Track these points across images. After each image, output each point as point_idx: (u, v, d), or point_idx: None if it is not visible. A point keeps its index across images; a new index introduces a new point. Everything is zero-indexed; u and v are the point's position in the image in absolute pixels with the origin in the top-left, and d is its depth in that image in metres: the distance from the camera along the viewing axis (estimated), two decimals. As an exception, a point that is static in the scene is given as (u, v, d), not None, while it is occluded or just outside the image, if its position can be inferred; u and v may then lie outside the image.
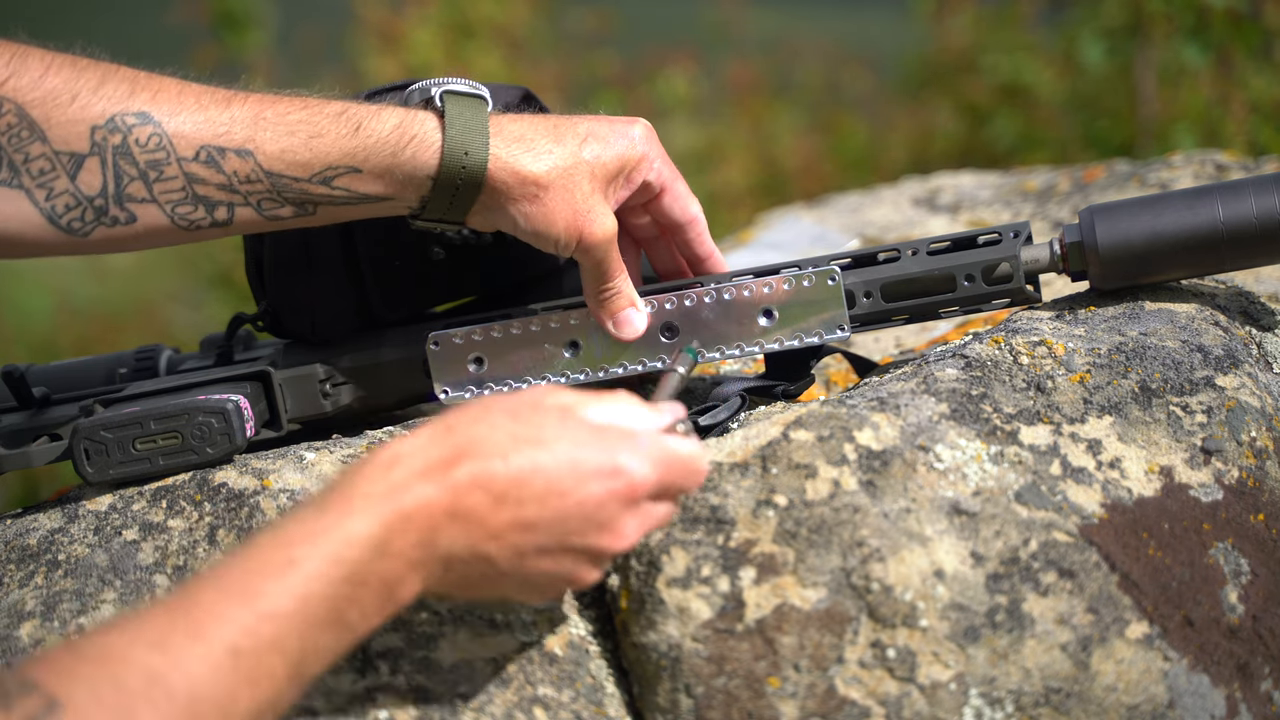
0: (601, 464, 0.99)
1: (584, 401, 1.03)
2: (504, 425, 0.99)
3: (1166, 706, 1.12)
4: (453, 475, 0.96)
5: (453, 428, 0.98)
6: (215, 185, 1.20)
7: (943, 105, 5.07)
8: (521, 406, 1.01)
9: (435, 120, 1.22)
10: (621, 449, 1.00)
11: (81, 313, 5.99)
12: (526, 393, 1.03)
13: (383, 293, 1.36)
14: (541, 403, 1.01)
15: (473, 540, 0.97)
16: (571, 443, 0.99)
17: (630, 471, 1.00)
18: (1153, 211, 1.26)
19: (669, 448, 1.03)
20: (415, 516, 0.95)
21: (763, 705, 1.11)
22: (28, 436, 1.32)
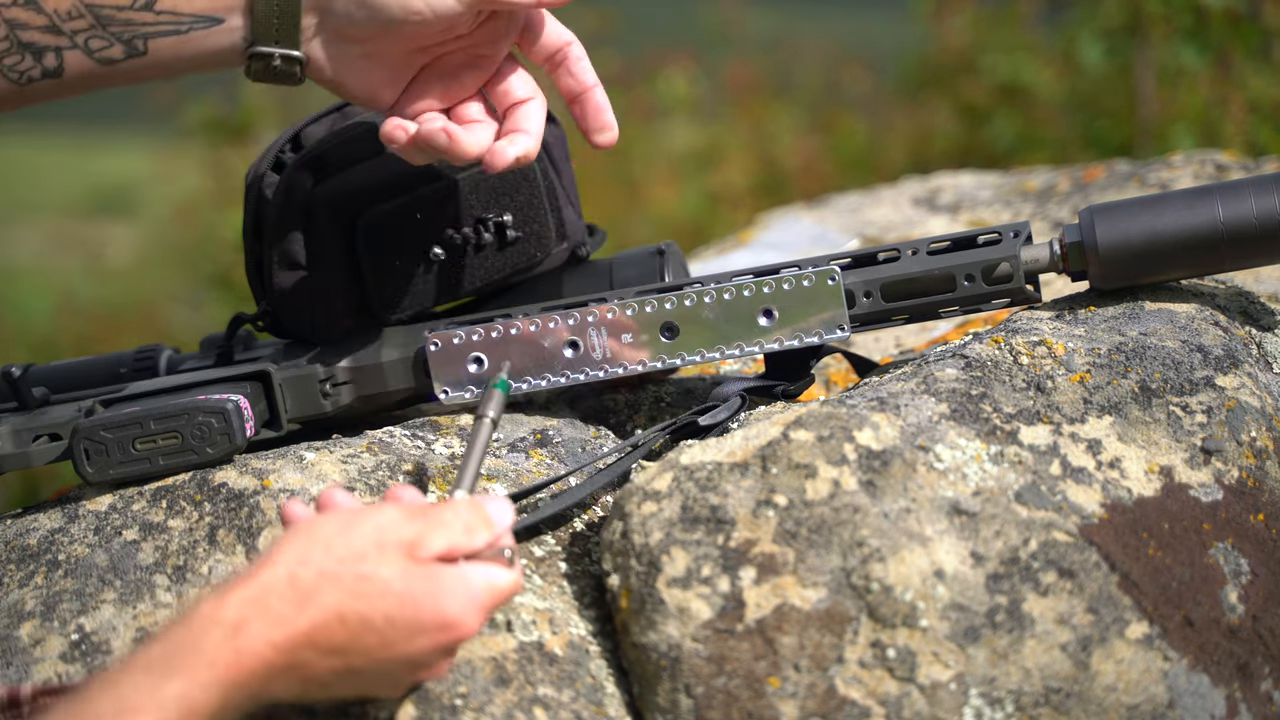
0: (433, 617, 1.01)
1: (428, 536, 1.02)
2: (346, 578, 0.99)
3: (1166, 706, 1.12)
4: (292, 637, 0.97)
5: (295, 579, 0.98)
6: (38, 29, 1.18)
7: (942, 105, 5.08)
8: (365, 553, 1.00)
9: None
10: (454, 599, 1.01)
11: (81, 313, 5.99)
12: (366, 528, 1.01)
13: (383, 293, 1.36)
14: (383, 544, 1.00)
15: (299, 687, 0.99)
16: (409, 597, 1.00)
17: (460, 625, 1.02)
18: (1152, 211, 1.26)
19: (498, 587, 1.04)
20: (252, 680, 0.96)
21: (763, 705, 1.11)
22: (28, 436, 1.32)
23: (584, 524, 1.27)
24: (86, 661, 1.16)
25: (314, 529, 1.01)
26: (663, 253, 1.41)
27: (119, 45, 1.19)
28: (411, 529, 1.02)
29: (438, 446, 1.31)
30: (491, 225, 1.37)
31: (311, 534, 1.00)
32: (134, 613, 1.18)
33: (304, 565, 0.98)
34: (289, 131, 1.39)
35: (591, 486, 1.25)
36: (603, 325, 1.32)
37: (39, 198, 8.68)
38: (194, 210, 5.37)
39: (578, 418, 1.41)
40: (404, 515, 1.03)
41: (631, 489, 1.18)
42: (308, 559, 0.99)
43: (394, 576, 1.00)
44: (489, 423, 1.18)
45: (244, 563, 1.20)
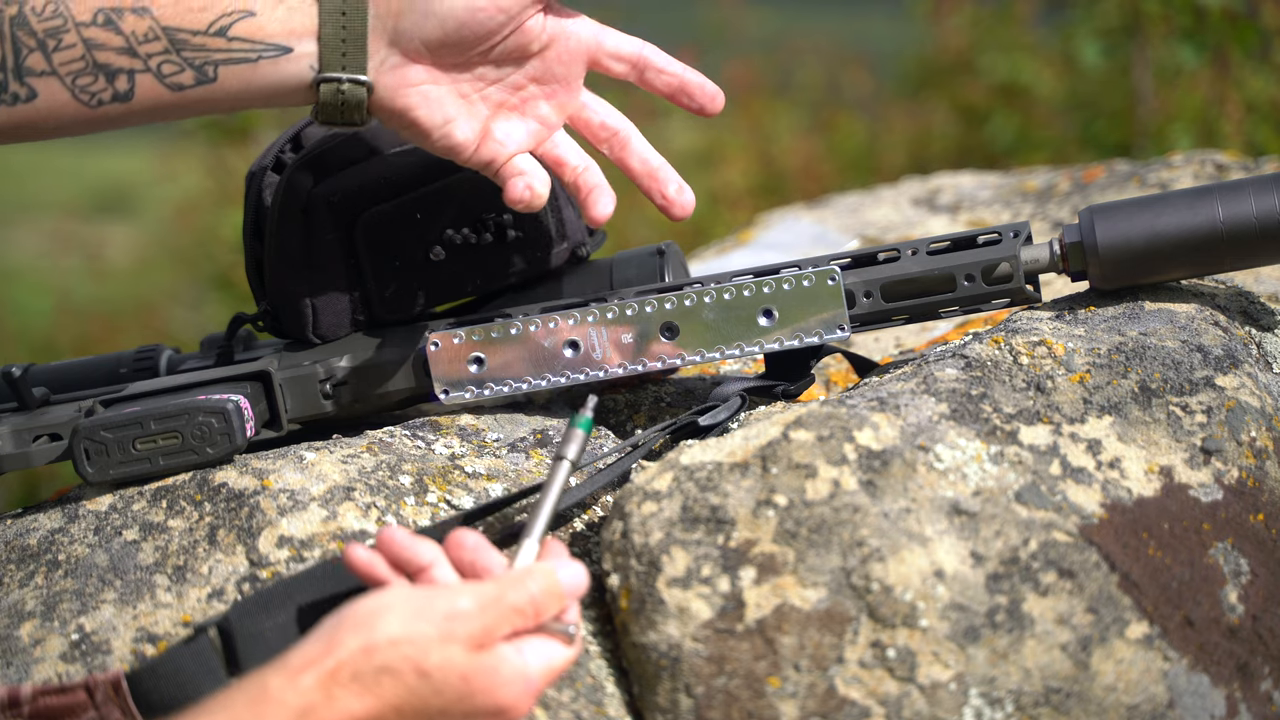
0: (488, 706, 1.00)
1: (494, 633, 1.01)
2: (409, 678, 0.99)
3: (1166, 706, 1.12)
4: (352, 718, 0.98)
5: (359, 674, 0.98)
6: (114, 49, 1.17)
7: (941, 105, 5.08)
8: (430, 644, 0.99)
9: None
10: (510, 689, 1.01)
11: (81, 313, 5.99)
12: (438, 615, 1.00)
13: (383, 293, 1.36)
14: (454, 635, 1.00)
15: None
16: (465, 690, 1.00)
17: (513, 711, 1.01)
18: (1152, 211, 1.26)
19: (553, 669, 1.03)
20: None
21: (763, 705, 1.11)
22: (28, 436, 1.32)
23: (584, 524, 1.27)
24: (86, 661, 1.16)
25: (382, 615, 1.00)
26: (663, 253, 1.41)
27: (190, 71, 1.19)
28: (480, 623, 1.01)
29: (438, 446, 1.31)
30: (491, 225, 1.37)
31: (378, 622, 0.99)
32: (134, 613, 1.18)
33: (369, 656, 0.98)
34: (289, 131, 1.39)
35: (591, 486, 1.25)
36: (603, 325, 1.32)
37: (39, 198, 8.67)
38: (194, 210, 5.37)
39: (578, 418, 1.41)
40: (475, 607, 1.01)
41: (631, 489, 1.18)
42: (373, 649, 0.98)
43: (454, 674, 0.99)
44: (568, 465, 1.13)
45: (244, 564, 1.20)
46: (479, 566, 1.05)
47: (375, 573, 1.05)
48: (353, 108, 1.21)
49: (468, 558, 1.06)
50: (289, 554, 1.19)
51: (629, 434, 1.40)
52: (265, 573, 1.19)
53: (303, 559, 1.19)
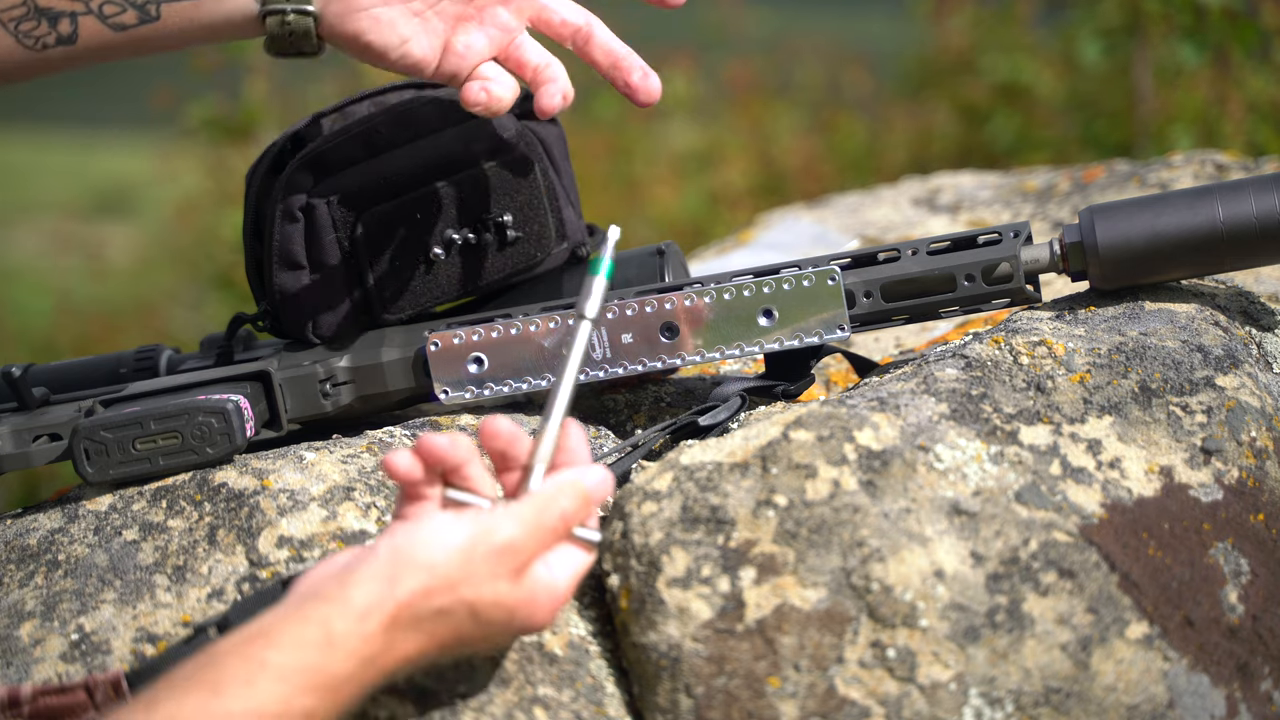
0: (525, 624, 1.05)
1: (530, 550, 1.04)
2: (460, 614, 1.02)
3: (1166, 706, 1.12)
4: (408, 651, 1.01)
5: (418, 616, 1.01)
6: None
7: (942, 105, 5.08)
8: (478, 575, 1.02)
9: None
10: (544, 609, 1.06)
11: (81, 313, 6.00)
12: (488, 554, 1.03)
13: (383, 293, 1.36)
14: (499, 573, 1.03)
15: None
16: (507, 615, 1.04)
17: (545, 623, 1.06)
18: (1153, 211, 1.26)
19: (582, 577, 1.08)
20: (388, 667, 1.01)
21: (763, 705, 1.11)
22: (28, 436, 1.32)
23: (584, 524, 1.27)
24: (86, 661, 1.16)
25: (437, 553, 1.02)
26: (663, 253, 1.41)
27: (132, 11, 1.19)
28: (524, 554, 1.04)
29: (438, 446, 1.31)
30: (491, 225, 1.37)
31: (435, 562, 1.02)
32: (134, 613, 1.18)
33: (428, 599, 1.01)
34: (289, 131, 1.39)
35: (591, 486, 1.25)
36: (603, 325, 1.32)
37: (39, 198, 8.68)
38: (194, 210, 5.37)
39: (578, 418, 1.41)
40: (519, 536, 1.04)
41: (631, 489, 1.18)
42: (432, 591, 1.01)
43: (501, 608, 1.03)
44: (588, 326, 1.08)
45: (244, 564, 1.19)
46: (510, 457, 1.09)
47: (417, 483, 1.07)
48: (300, 37, 1.22)
49: (500, 447, 1.09)
50: (289, 554, 1.19)
51: (629, 434, 1.40)
52: (265, 573, 1.19)
53: (303, 559, 1.19)
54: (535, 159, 1.38)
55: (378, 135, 1.36)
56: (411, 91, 1.41)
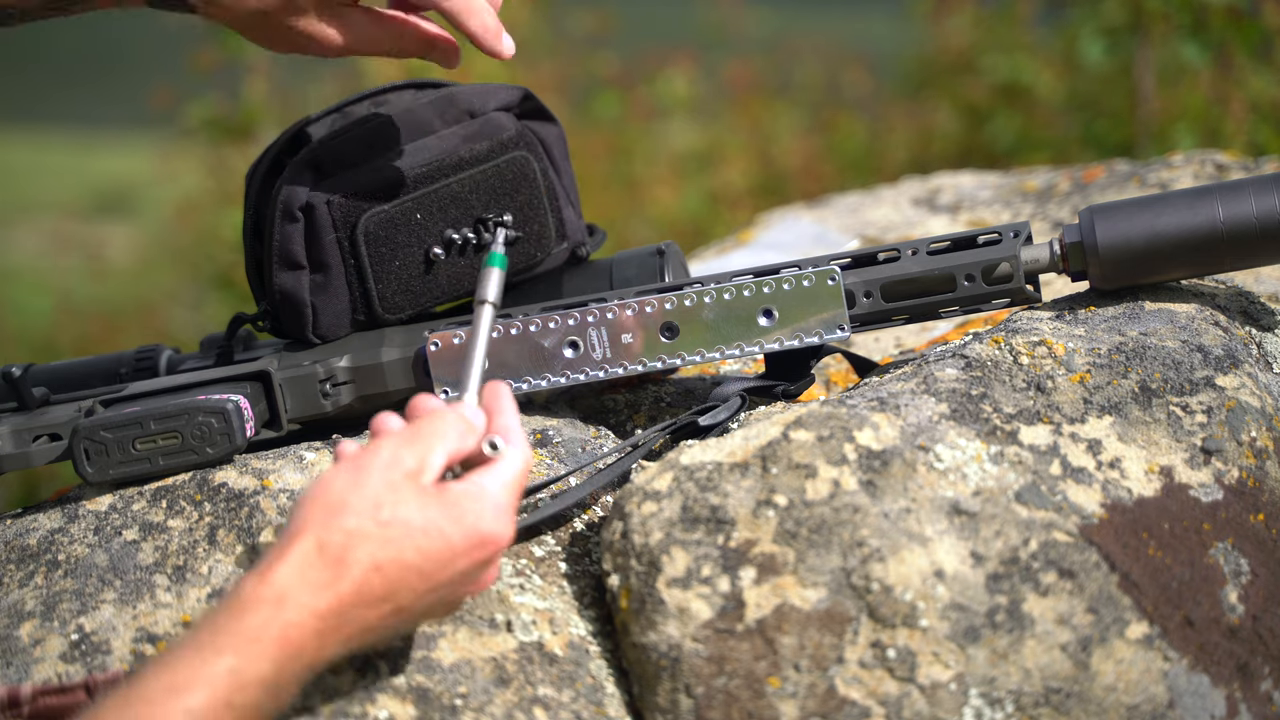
0: (466, 540, 1.03)
1: (427, 462, 1.03)
2: (370, 530, 1.00)
3: (1166, 706, 1.12)
4: (338, 601, 0.99)
5: (324, 545, 0.99)
6: None
7: (942, 105, 5.08)
8: (381, 502, 1.01)
9: None
10: (479, 515, 1.03)
11: (81, 313, 6.00)
12: (373, 474, 1.02)
13: (383, 293, 1.36)
14: (394, 483, 1.02)
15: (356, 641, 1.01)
16: (435, 528, 1.02)
17: (495, 538, 1.04)
18: (1153, 211, 1.26)
19: (512, 480, 1.06)
20: (304, 648, 0.98)
21: (763, 705, 1.11)
22: (28, 436, 1.32)
23: (584, 524, 1.27)
24: (86, 661, 1.16)
25: (327, 490, 1.02)
26: (663, 253, 1.41)
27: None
28: (413, 457, 1.03)
29: (438, 446, 1.31)
30: (491, 225, 1.37)
31: (327, 496, 1.01)
32: (134, 613, 1.18)
33: (328, 529, 1.00)
34: (289, 131, 1.39)
35: (591, 486, 1.25)
36: (603, 325, 1.32)
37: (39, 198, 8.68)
38: (194, 210, 5.37)
39: (578, 418, 1.41)
40: (401, 445, 1.04)
41: (631, 489, 1.18)
42: (330, 522, 1.00)
43: (413, 513, 1.01)
44: (489, 308, 1.12)
45: (244, 564, 1.20)
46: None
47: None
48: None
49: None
50: (289, 554, 1.19)
51: (629, 434, 1.40)
52: (265, 573, 1.19)
53: (303, 559, 1.19)
54: (535, 159, 1.38)
55: (377, 135, 1.36)
56: (411, 92, 1.41)
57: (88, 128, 9.40)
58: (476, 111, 1.38)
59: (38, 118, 9.47)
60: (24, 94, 9.40)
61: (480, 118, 1.38)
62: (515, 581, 1.20)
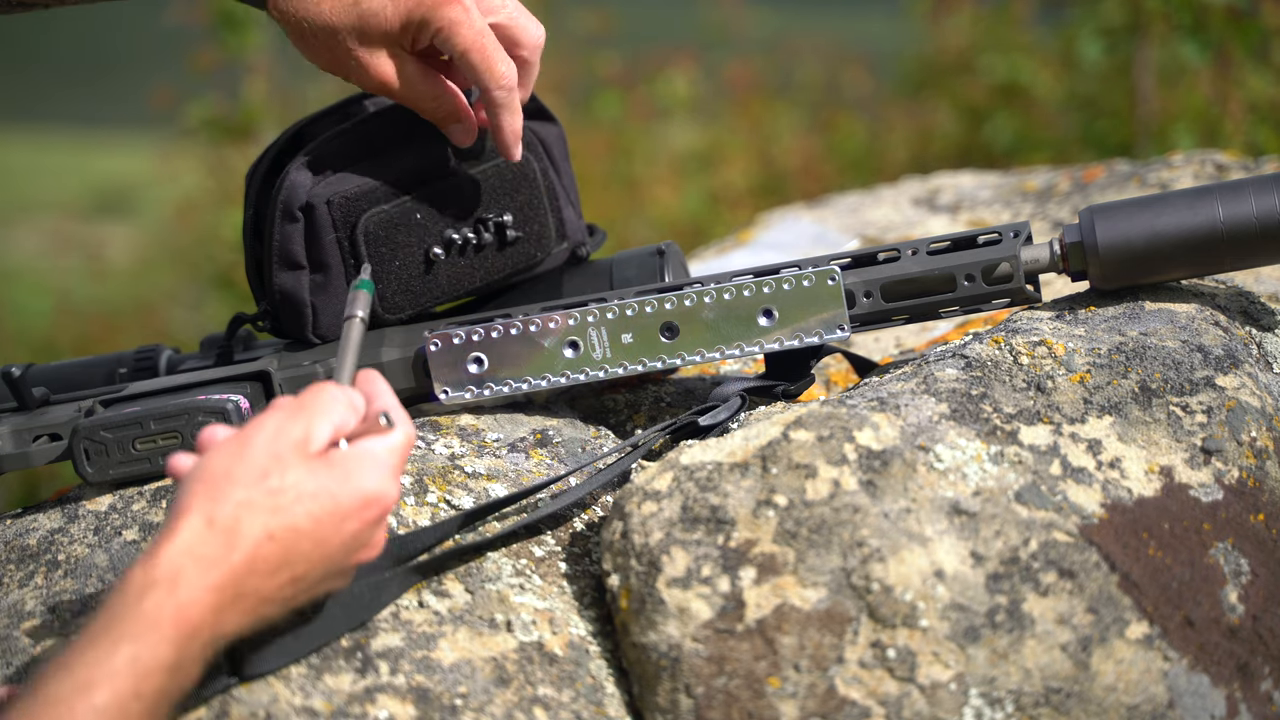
0: (354, 499, 1.03)
1: (312, 432, 1.03)
2: (259, 499, 1.00)
3: (1166, 706, 1.12)
4: (231, 572, 0.99)
5: (213, 519, 0.99)
6: None
7: (941, 105, 5.08)
8: (267, 470, 1.01)
9: None
10: (366, 475, 1.04)
11: (81, 313, 5.99)
12: (258, 446, 1.02)
13: (383, 293, 1.36)
14: (279, 454, 1.02)
15: (253, 613, 1.01)
16: (324, 491, 1.02)
17: (381, 496, 1.04)
18: (1153, 211, 1.26)
19: (396, 446, 1.06)
20: (203, 625, 0.98)
21: (763, 705, 1.11)
22: (28, 436, 1.32)
23: (584, 524, 1.27)
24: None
25: (210, 466, 1.02)
26: (663, 253, 1.41)
27: None
28: (299, 427, 1.03)
29: (438, 446, 1.31)
30: (491, 225, 1.37)
31: (211, 472, 1.01)
32: (134, 613, 1.18)
33: (216, 503, 1.00)
34: (289, 131, 1.39)
35: (591, 486, 1.25)
36: (603, 325, 1.32)
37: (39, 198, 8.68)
38: (194, 210, 5.37)
39: (578, 418, 1.41)
40: (285, 417, 1.04)
41: (631, 489, 1.18)
42: (217, 495, 1.00)
43: (301, 478, 1.01)
44: (358, 322, 1.18)
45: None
46: None
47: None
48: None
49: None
50: (289, 554, 1.19)
51: (629, 434, 1.40)
52: (265, 573, 1.18)
53: (303, 559, 1.19)
54: (535, 159, 1.38)
55: (378, 135, 1.36)
56: (411, 91, 1.41)
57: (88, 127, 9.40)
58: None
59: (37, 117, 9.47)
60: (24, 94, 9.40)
61: (480, 118, 1.38)
62: (515, 581, 1.20)
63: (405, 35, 1.26)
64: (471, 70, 1.27)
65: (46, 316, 6.11)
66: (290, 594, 1.03)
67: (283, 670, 1.10)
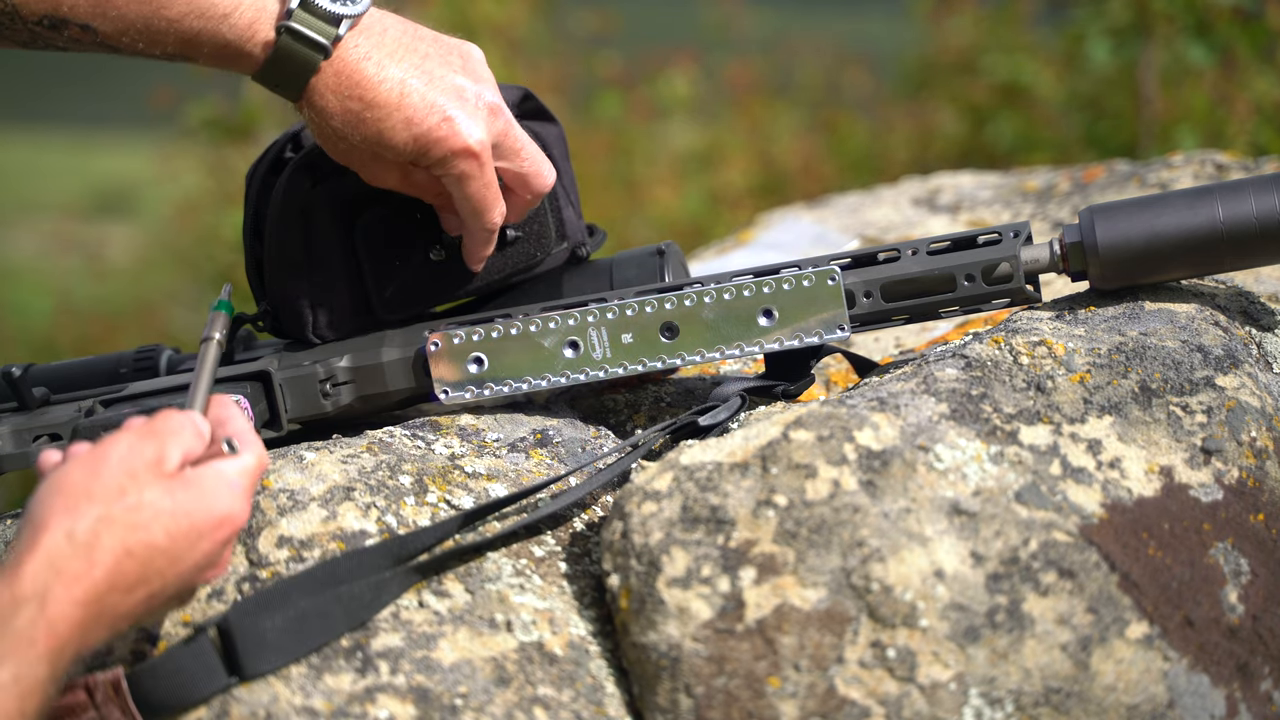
0: (208, 519, 1.04)
1: (165, 454, 1.04)
2: (118, 515, 1.01)
3: (1166, 706, 1.12)
4: (93, 588, 0.99)
5: (73, 534, 1.00)
6: None
7: (942, 105, 5.08)
8: (124, 483, 1.02)
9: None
10: (219, 495, 1.05)
11: (81, 313, 6.00)
12: (113, 465, 1.03)
13: (383, 293, 1.36)
14: (136, 470, 1.02)
15: (113, 627, 1.02)
16: (180, 509, 1.03)
17: (233, 516, 1.05)
18: (1152, 211, 1.26)
19: (248, 468, 1.07)
20: (70, 640, 0.98)
21: (763, 705, 1.11)
22: (28, 436, 1.32)
23: (584, 524, 1.27)
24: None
25: (65, 482, 1.02)
26: (663, 253, 1.41)
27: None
28: (151, 449, 1.04)
29: (438, 446, 1.31)
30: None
31: (67, 488, 1.02)
32: (134, 613, 1.18)
33: (75, 518, 1.00)
34: (289, 131, 1.39)
35: (591, 486, 1.25)
36: (603, 325, 1.32)
37: (39, 198, 8.69)
38: (194, 210, 5.38)
39: (578, 418, 1.41)
40: (138, 439, 1.04)
41: (631, 489, 1.18)
42: (75, 511, 1.00)
43: (157, 497, 1.02)
44: (215, 344, 1.20)
45: (244, 564, 1.20)
46: None
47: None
48: (302, 64, 1.21)
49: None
50: (289, 554, 1.19)
51: (629, 434, 1.40)
52: (265, 573, 1.18)
53: (302, 559, 1.19)
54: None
55: None
56: (411, 91, 1.40)
57: (87, 127, 9.40)
58: (476, 111, 1.38)
59: (37, 117, 9.47)
60: (24, 93, 9.41)
61: (480, 118, 1.37)
62: (515, 581, 1.20)
63: (416, 160, 1.26)
64: (463, 212, 1.29)
65: (46, 316, 6.12)
66: (145, 610, 1.04)
67: (283, 670, 1.10)
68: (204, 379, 1.17)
